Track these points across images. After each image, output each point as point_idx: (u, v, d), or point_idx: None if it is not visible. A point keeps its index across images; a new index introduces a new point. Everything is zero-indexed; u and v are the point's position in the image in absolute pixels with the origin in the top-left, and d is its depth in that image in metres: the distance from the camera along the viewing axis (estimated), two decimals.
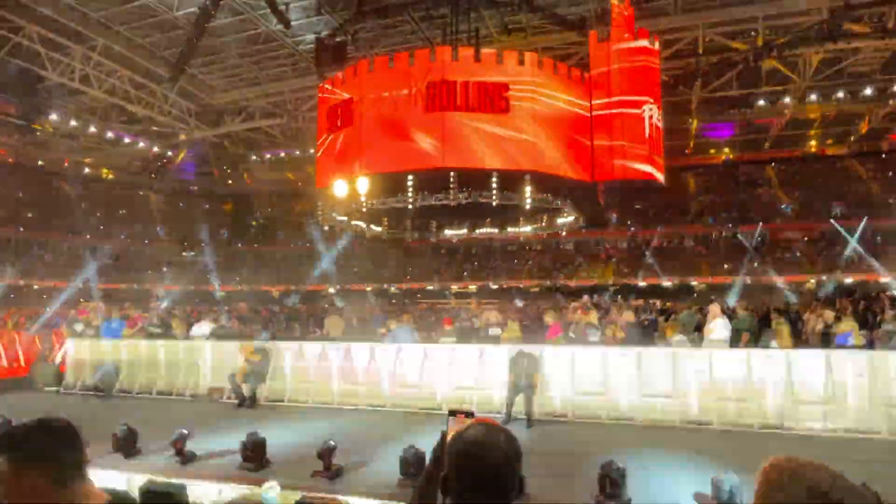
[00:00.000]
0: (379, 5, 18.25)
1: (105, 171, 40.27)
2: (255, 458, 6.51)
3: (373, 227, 20.15)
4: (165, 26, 20.29)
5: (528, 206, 15.76)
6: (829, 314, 11.39)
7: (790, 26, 19.10)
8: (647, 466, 6.32)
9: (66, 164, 37.76)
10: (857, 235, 30.08)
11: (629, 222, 36.27)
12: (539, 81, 14.58)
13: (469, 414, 1.59)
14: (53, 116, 26.41)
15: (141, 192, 42.79)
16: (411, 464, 5.83)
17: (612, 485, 5.32)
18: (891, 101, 26.62)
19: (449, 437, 1.55)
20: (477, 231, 21.07)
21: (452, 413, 1.59)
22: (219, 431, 8.00)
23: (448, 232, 21.78)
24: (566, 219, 18.81)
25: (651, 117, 15.14)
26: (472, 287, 35.69)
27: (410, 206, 16.04)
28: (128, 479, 5.90)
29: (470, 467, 1.34)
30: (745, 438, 7.82)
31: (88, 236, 37.01)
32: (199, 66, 23.35)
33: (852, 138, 34.40)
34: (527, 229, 20.94)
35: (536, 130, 14.43)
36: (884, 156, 34.85)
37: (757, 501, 1.04)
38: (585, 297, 15.38)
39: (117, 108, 25.86)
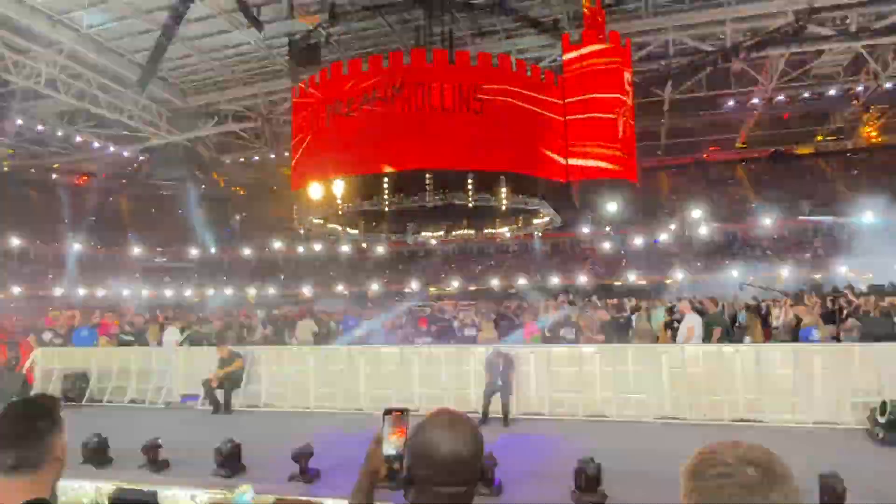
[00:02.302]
0: (352, 8, 18.20)
1: (74, 176, 39.46)
2: (230, 463, 6.44)
3: (349, 230, 20.07)
4: (135, 29, 19.96)
5: (503, 208, 15.86)
6: (799, 309, 11.65)
7: (757, 29, 19.52)
8: (622, 462, 6.39)
9: (32, 170, 36.92)
10: (824, 232, 30.84)
11: (603, 222, 36.68)
12: (512, 83, 14.69)
13: (403, 411, 1.60)
14: (18, 121, 25.80)
15: (111, 198, 41.98)
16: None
17: (588, 481, 5.37)
18: (854, 102, 27.39)
19: (386, 437, 1.56)
20: (453, 233, 21.12)
21: (388, 412, 1.61)
22: (193, 438, 7.89)
23: (425, 234, 21.79)
24: (542, 220, 18.96)
25: (623, 118, 15.35)
26: (450, 289, 35.71)
27: (387, 209, 16.02)
28: (97, 488, 5.77)
29: (432, 456, 1.34)
30: (717, 432, 7.96)
31: (57, 243, 36.17)
32: (169, 69, 23.01)
33: (818, 138, 35.29)
34: (503, 231, 21.06)
35: (510, 132, 14.53)
36: (848, 155, 35.80)
37: (683, 477, 1.11)
38: (561, 296, 15.52)
39: (86, 112, 25.34)
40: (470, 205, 15.13)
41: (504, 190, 14.99)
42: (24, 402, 1.68)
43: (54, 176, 38.06)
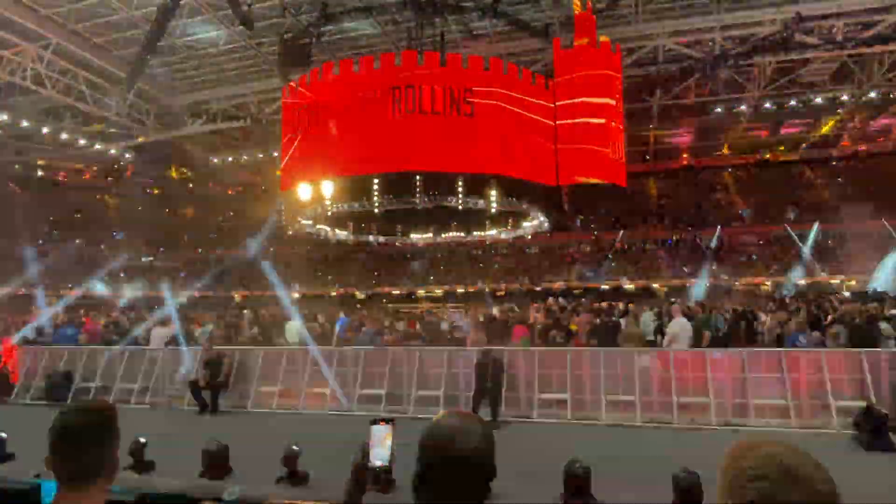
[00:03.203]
0: (344, 9, 18.16)
1: (59, 173, 39.01)
2: (216, 465, 6.37)
3: (338, 231, 20.02)
4: (123, 25, 19.77)
5: (493, 210, 15.90)
6: (782, 315, 11.77)
7: (745, 37, 19.73)
8: (611, 465, 6.41)
9: (16, 167, 36.45)
10: (809, 239, 31.18)
11: (592, 226, 36.87)
12: (504, 87, 14.72)
13: (389, 421, 1.62)
14: (3, 116, 25.44)
15: (97, 196, 41.55)
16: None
17: (577, 484, 5.37)
18: (839, 111, 27.74)
19: (373, 447, 1.57)
20: (443, 235, 21.14)
21: (374, 422, 1.62)
22: (179, 439, 7.81)
23: (414, 236, 21.79)
24: (531, 223, 19.02)
25: (613, 123, 15.43)
26: (439, 291, 35.69)
27: (376, 210, 16.01)
28: None
29: (447, 454, 1.33)
30: (704, 436, 8.01)
31: (41, 241, 35.74)
32: (158, 66, 22.81)
33: (804, 145, 35.72)
34: (492, 233, 21.11)
35: (501, 135, 14.56)
36: (833, 163, 36.30)
37: (722, 480, 1.07)
38: (550, 300, 15.55)
39: (72, 109, 25.05)
40: (459, 207, 15.17)
41: (494, 193, 15.04)
42: (83, 409, 1.59)
43: (39, 173, 37.60)
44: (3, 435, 7.06)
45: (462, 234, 20.78)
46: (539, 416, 9.18)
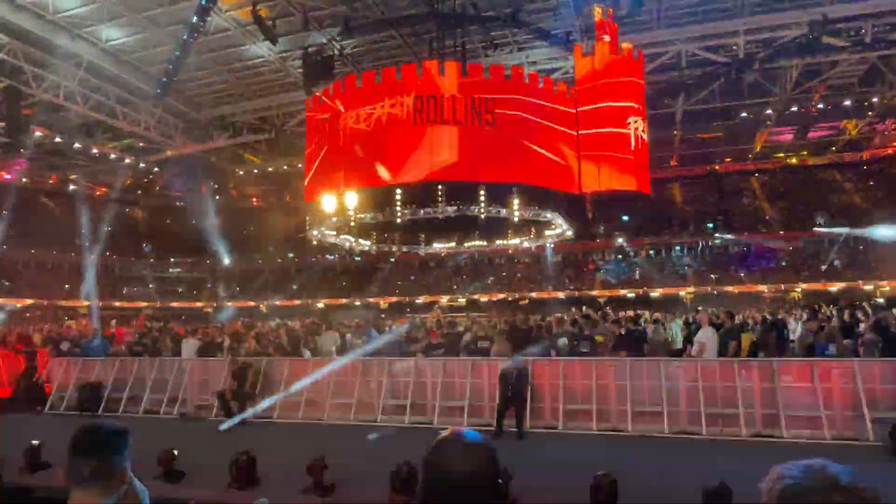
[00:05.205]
0: (366, 21, 18.40)
1: (91, 187, 39.97)
2: (244, 475, 6.42)
3: (361, 241, 20.16)
4: (152, 42, 20.28)
5: (515, 219, 15.88)
6: (813, 324, 11.50)
7: (770, 40, 19.47)
8: (638, 477, 6.32)
9: (50, 181, 37.47)
10: (838, 244, 30.45)
11: (616, 234, 36.53)
12: (525, 95, 14.73)
13: None
14: (38, 133, 26.21)
15: (127, 209, 42.47)
16: (402, 479, 5.78)
17: (603, 496, 5.31)
18: (869, 113, 27.16)
19: None
20: (465, 244, 21.15)
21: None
22: (207, 449, 7.90)
23: (436, 245, 21.84)
24: (554, 231, 18.93)
25: (636, 130, 15.33)
26: (461, 300, 35.67)
27: (399, 220, 16.09)
28: None
29: (434, 476, 1.31)
30: (734, 447, 7.85)
31: (73, 254, 36.62)
32: (185, 81, 23.34)
33: (833, 149, 35.00)
34: (515, 242, 21.05)
35: (523, 143, 14.56)
36: (863, 166, 35.47)
37: None
38: (574, 310, 15.43)
39: (103, 124, 25.72)
40: (482, 216, 15.18)
41: (516, 201, 15.03)
42: (101, 421, 1.83)
43: (71, 187, 38.61)
44: (35, 442, 7.19)
45: (484, 244, 20.77)
46: (565, 427, 9.10)
